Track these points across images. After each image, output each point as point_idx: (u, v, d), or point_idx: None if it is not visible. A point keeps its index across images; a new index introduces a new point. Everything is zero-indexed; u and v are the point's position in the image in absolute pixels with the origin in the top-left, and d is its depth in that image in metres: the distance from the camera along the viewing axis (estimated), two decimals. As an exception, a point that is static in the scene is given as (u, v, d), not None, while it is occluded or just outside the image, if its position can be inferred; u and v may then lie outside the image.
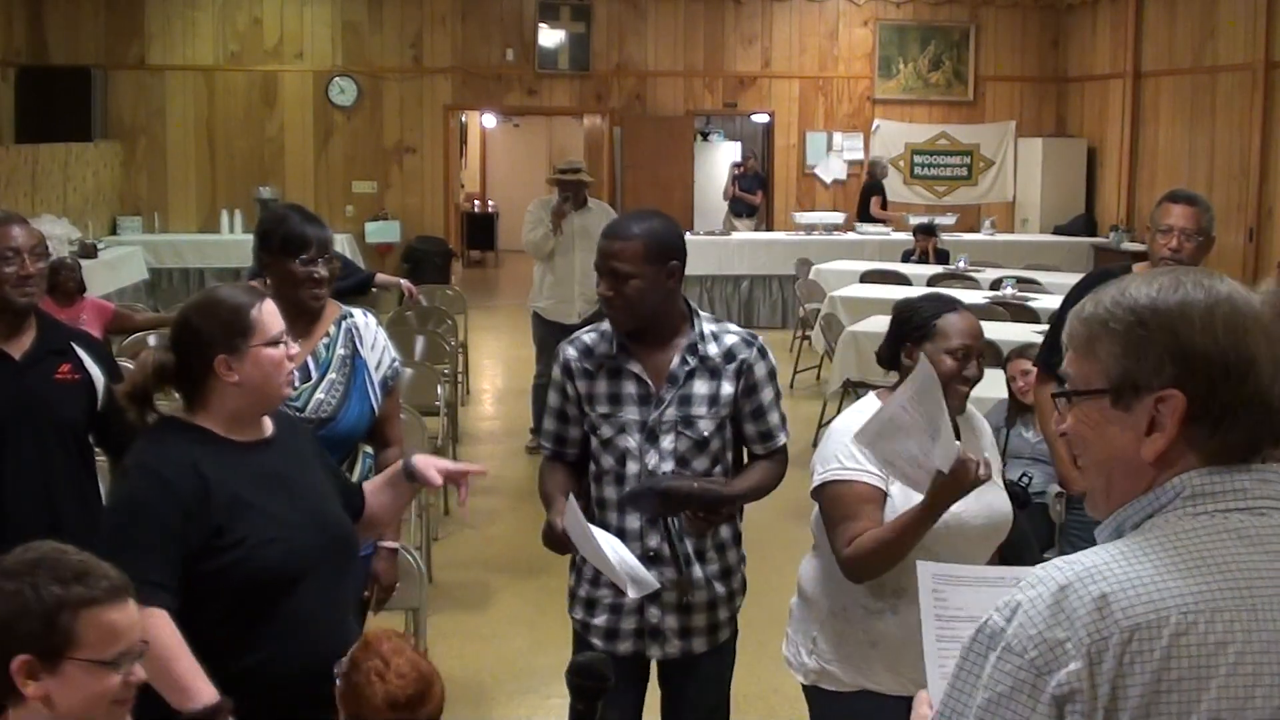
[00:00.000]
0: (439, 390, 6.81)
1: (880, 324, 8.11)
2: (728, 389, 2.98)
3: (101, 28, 13.89)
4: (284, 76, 14.25)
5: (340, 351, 3.36)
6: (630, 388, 2.99)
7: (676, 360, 2.97)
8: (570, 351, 3.07)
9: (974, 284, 10.58)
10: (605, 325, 3.07)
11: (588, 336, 3.09)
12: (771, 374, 3.06)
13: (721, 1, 14.78)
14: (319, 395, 3.29)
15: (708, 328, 3.02)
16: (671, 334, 3.00)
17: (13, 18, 13.20)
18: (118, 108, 13.97)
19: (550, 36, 14.57)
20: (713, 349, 3.00)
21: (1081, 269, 11.92)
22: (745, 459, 3.12)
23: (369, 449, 3.46)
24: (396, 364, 3.49)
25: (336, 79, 14.28)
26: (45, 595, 1.85)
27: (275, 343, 2.55)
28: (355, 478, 3.37)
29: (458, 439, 8.25)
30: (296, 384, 3.28)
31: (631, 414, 2.98)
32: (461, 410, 8.99)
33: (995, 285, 10.26)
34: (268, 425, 2.63)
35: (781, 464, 3.09)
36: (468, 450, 8.37)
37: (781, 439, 3.07)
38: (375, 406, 3.39)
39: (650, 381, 2.98)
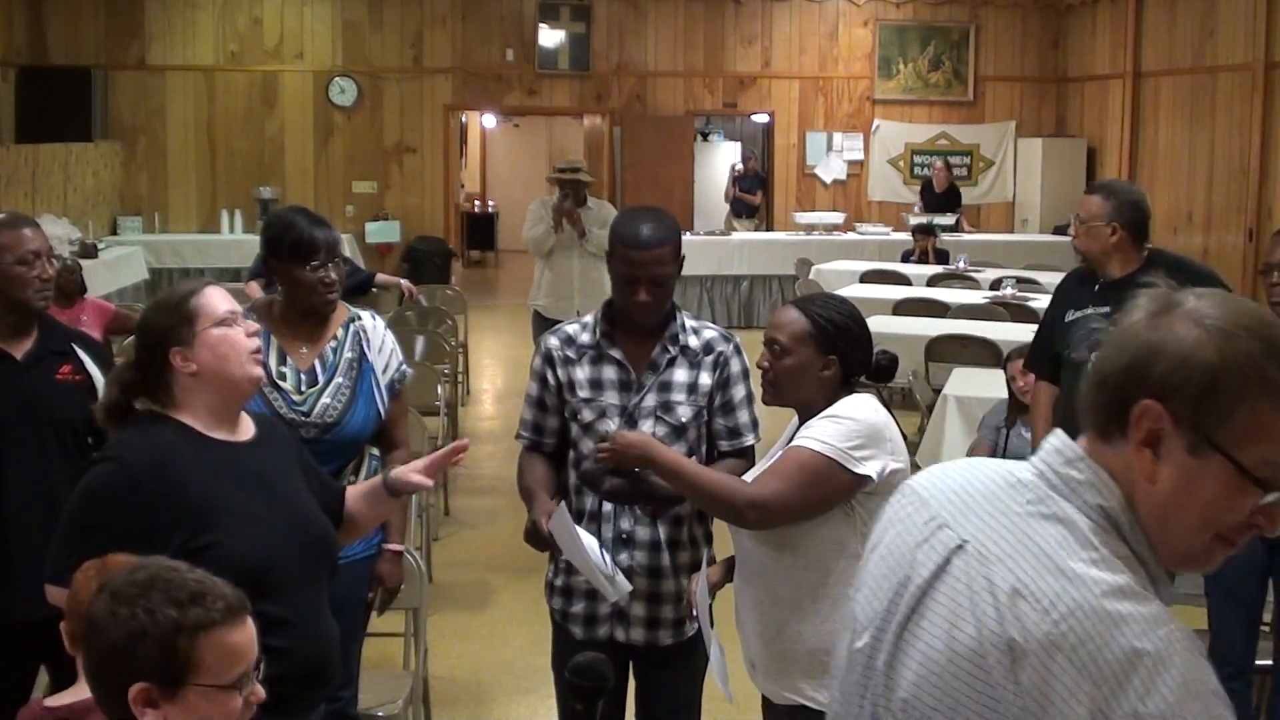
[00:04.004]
0: (439, 390, 6.82)
1: (880, 324, 8.13)
2: (706, 379, 3.06)
3: (101, 28, 13.90)
4: (284, 76, 14.26)
5: (348, 355, 3.35)
6: (611, 373, 3.06)
7: (658, 349, 3.05)
8: (553, 340, 3.14)
9: (974, 284, 10.59)
10: (588, 316, 3.16)
11: (570, 327, 3.17)
12: (745, 373, 3.11)
13: (721, 1, 14.78)
14: (325, 399, 3.28)
15: (688, 322, 3.12)
16: (654, 324, 3.08)
17: (13, 18, 13.20)
18: (118, 108, 13.98)
19: (550, 36, 14.58)
20: (693, 340, 3.08)
21: (1081, 269, 11.92)
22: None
23: (375, 451, 3.46)
24: (404, 367, 3.48)
25: (336, 79, 14.29)
26: (161, 619, 1.74)
27: (223, 323, 2.51)
28: (361, 480, 3.36)
29: (458, 439, 8.24)
30: (303, 388, 3.28)
31: (612, 399, 3.04)
32: (461, 410, 9.01)
33: (995, 285, 10.26)
34: (249, 426, 2.61)
35: (747, 464, 3.08)
36: (468, 450, 8.36)
37: (749, 439, 3.10)
38: (381, 410, 3.38)
39: (631, 368, 3.05)
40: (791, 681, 2.74)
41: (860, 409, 2.69)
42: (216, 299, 2.53)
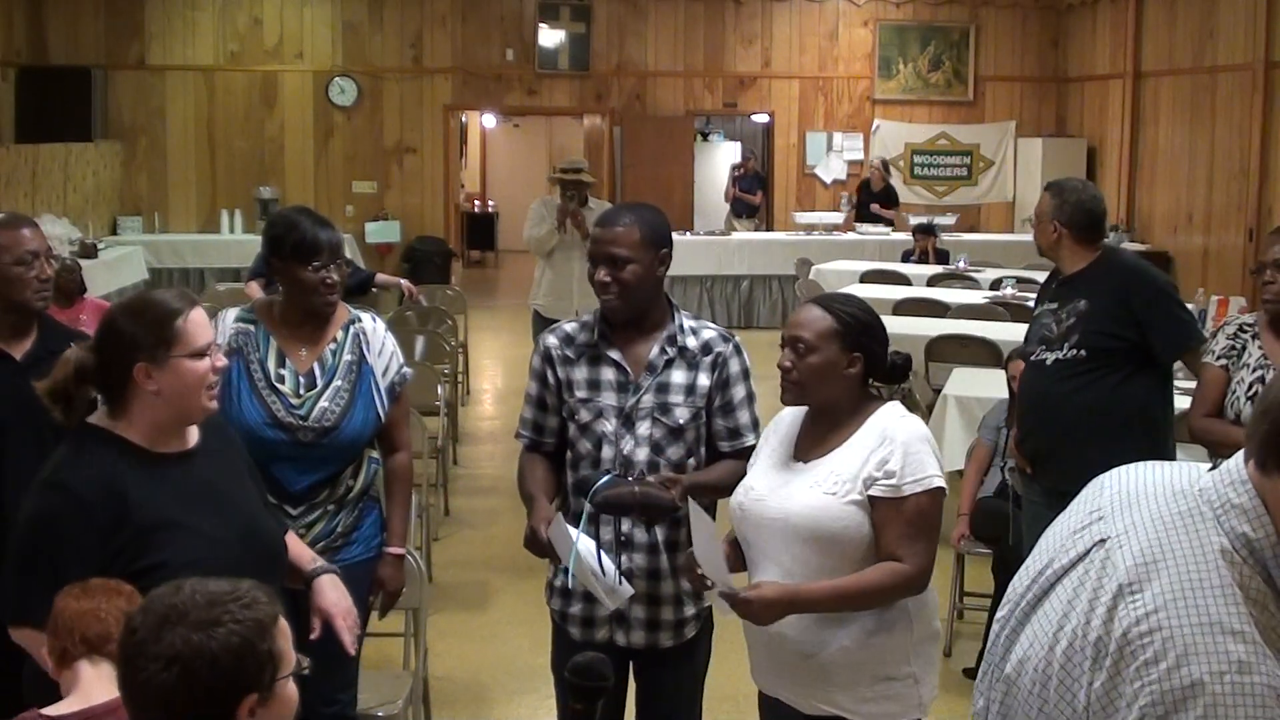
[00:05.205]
0: (439, 390, 6.82)
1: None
2: (704, 380, 3.05)
3: (101, 28, 13.90)
4: (284, 76, 14.26)
5: (347, 358, 3.33)
6: (609, 374, 3.06)
7: (655, 350, 3.05)
8: (551, 340, 3.14)
9: (974, 284, 10.59)
10: (587, 316, 3.16)
11: (569, 326, 3.17)
12: (745, 373, 3.10)
13: (721, 1, 14.78)
14: (323, 404, 3.25)
15: (687, 322, 3.11)
16: (652, 325, 3.08)
17: (13, 18, 13.20)
18: (118, 108, 13.98)
19: (550, 36, 14.58)
20: (691, 341, 3.07)
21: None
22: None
23: (375, 454, 3.44)
24: (404, 370, 3.44)
25: (336, 79, 14.29)
26: (252, 623, 1.72)
27: (200, 354, 2.46)
28: (360, 483, 3.35)
29: (458, 439, 8.26)
30: (301, 391, 3.26)
31: (609, 399, 3.04)
32: (461, 410, 9.01)
33: (995, 285, 10.26)
34: (192, 434, 2.55)
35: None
36: (468, 450, 8.38)
37: (750, 440, 3.08)
38: (381, 413, 3.34)
39: (629, 369, 3.05)
40: (827, 693, 2.72)
41: (910, 427, 2.71)
42: (201, 327, 2.48)
